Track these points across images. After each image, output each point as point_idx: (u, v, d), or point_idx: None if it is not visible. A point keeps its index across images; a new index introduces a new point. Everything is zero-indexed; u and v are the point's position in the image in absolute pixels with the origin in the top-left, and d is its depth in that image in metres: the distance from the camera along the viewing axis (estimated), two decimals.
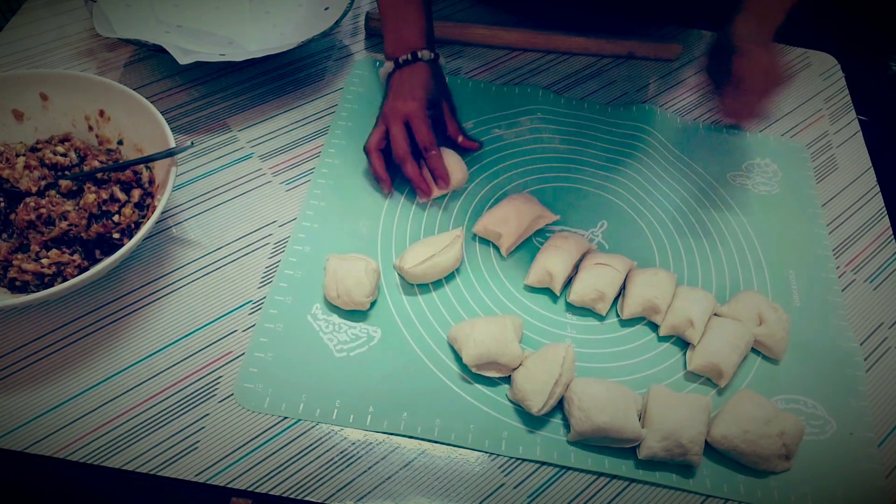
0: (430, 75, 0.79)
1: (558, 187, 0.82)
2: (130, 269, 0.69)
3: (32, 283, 0.63)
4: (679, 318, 0.69)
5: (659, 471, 0.62)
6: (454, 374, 0.66)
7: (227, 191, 0.77)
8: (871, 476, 0.64)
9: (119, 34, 0.80)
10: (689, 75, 0.97)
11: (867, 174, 0.89)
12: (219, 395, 0.62)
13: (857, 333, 0.73)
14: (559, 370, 0.62)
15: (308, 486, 0.59)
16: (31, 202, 0.65)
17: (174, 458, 0.59)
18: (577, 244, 0.73)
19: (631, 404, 0.62)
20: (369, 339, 0.67)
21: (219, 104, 0.84)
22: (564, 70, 0.94)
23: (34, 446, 0.58)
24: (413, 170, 0.76)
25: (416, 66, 0.79)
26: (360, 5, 0.99)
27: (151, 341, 0.65)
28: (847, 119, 0.95)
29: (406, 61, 0.79)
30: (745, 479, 0.62)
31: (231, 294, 0.69)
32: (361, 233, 0.75)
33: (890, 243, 0.82)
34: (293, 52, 0.86)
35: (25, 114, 0.72)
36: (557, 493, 0.60)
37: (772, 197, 0.85)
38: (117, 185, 0.69)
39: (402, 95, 0.78)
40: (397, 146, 0.76)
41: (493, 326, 0.65)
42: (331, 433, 0.61)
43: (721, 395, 0.67)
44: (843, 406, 0.68)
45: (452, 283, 0.72)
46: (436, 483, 0.60)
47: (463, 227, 0.76)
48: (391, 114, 0.77)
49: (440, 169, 0.77)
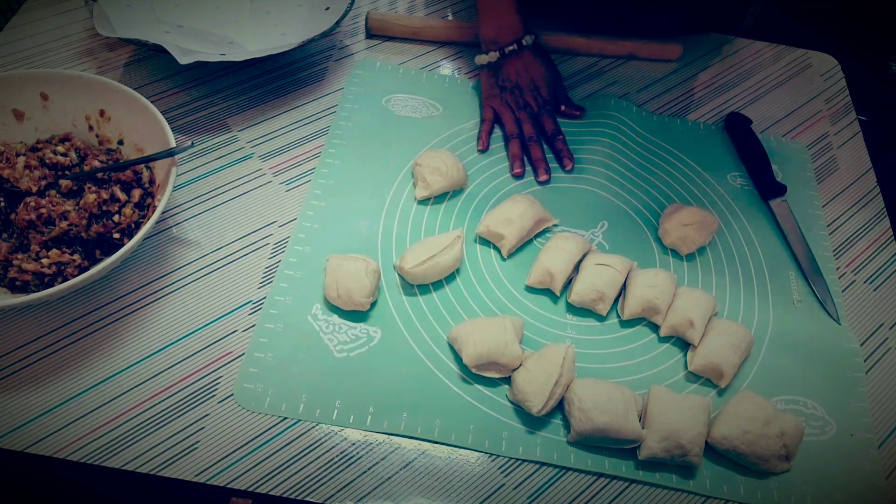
0: (540, 62, 0.85)
1: (558, 187, 0.82)
2: (131, 269, 0.69)
3: (32, 283, 0.63)
4: (679, 318, 0.69)
5: (659, 471, 0.62)
6: (454, 374, 0.66)
7: (227, 191, 0.77)
8: (871, 477, 0.64)
9: (119, 34, 0.80)
10: (690, 76, 0.97)
11: (867, 175, 0.89)
12: (219, 396, 0.62)
13: (857, 334, 0.73)
14: (559, 371, 0.62)
15: (308, 487, 0.59)
16: (32, 202, 0.65)
17: (174, 458, 0.59)
18: (577, 244, 0.73)
19: (631, 405, 0.62)
20: (369, 340, 0.67)
21: (219, 104, 0.84)
22: (566, 70, 0.94)
23: (34, 446, 0.58)
24: (538, 153, 0.82)
25: (524, 54, 0.84)
26: (361, 5, 0.99)
27: (151, 341, 0.65)
28: (847, 120, 0.95)
29: (512, 51, 0.84)
30: (745, 480, 0.62)
31: (231, 294, 0.69)
32: (361, 233, 0.75)
33: (890, 244, 0.82)
34: (293, 53, 0.86)
35: (26, 113, 0.72)
36: (557, 494, 0.60)
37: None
38: (117, 184, 0.69)
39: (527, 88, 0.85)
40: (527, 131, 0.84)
41: (493, 327, 0.65)
42: (331, 433, 0.61)
43: (721, 396, 0.67)
44: (844, 407, 0.68)
45: (453, 283, 0.72)
46: (436, 484, 0.60)
47: (463, 228, 0.75)
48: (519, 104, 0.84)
49: (567, 152, 0.83)
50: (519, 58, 0.84)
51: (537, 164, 0.82)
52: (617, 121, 0.88)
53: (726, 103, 0.94)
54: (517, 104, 0.85)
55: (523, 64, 0.85)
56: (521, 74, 0.85)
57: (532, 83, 0.85)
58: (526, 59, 0.85)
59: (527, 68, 0.85)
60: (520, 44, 0.84)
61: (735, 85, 0.97)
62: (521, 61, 0.85)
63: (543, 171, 0.81)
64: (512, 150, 0.83)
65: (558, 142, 0.83)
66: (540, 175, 0.81)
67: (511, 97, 0.85)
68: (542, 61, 0.86)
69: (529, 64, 0.85)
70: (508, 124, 0.85)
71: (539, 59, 0.86)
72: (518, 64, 0.85)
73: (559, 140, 0.83)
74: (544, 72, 0.86)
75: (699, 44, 1.01)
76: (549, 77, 0.86)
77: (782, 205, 0.83)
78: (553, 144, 0.84)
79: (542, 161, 0.82)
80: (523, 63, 0.85)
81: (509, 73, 0.85)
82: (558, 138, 0.83)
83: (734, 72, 0.99)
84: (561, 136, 0.84)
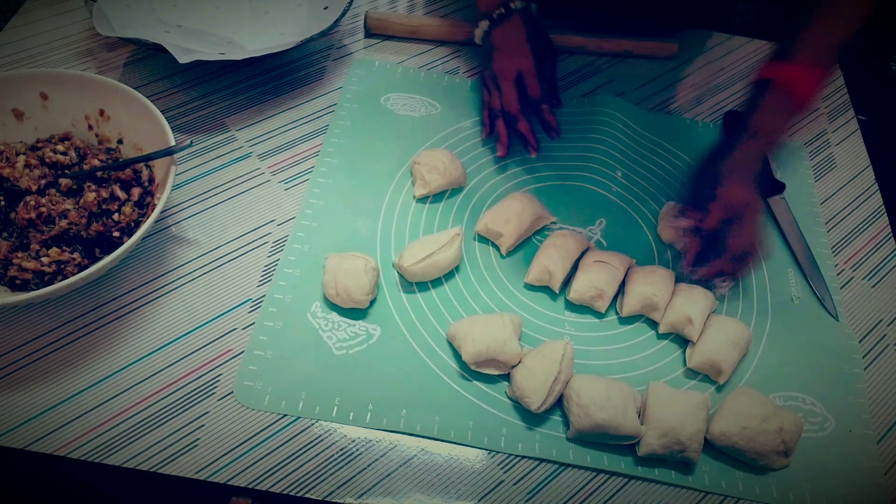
0: (529, 26, 0.81)
1: (557, 185, 0.82)
2: (130, 268, 0.69)
3: (32, 282, 0.63)
4: (678, 315, 0.69)
5: (658, 467, 0.62)
6: (453, 371, 0.66)
7: (226, 190, 0.77)
8: (870, 473, 0.64)
9: (119, 33, 0.80)
10: (686, 73, 0.97)
11: (866, 172, 0.89)
12: (218, 393, 0.62)
13: (855, 331, 0.74)
14: (558, 367, 0.62)
15: (308, 484, 0.59)
16: (32, 201, 0.65)
17: (174, 455, 0.59)
18: (576, 242, 0.73)
19: (630, 401, 0.62)
20: (368, 337, 0.67)
21: (218, 103, 0.85)
22: (562, 69, 0.95)
23: (34, 444, 0.58)
24: (525, 126, 0.79)
25: (513, 19, 0.81)
26: (359, 5, 1.00)
27: (151, 339, 0.65)
28: (845, 118, 0.96)
29: (501, 16, 0.81)
30: (743, 476, 0.62)
31: (230, 292, 0.69)
32: (360, 231, 0.75)
33: (888, 241, 0.82)
34: (292, 52, 0.86)
35: (25, 113, 0.72)
36: (556, 490, 0.60)
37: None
38: (117, 183, 0.69)
39: (509, 50, 0.80)
40: (510, 104, 0.79)
41: (492, 324, 0.65)
42: (330, 430, 0.62)
43: (720, 392, 0.68)
44: (842, 403, 0.68)
45: (451, 281, 0.72)
46: (435, 480, 0.60)
47: (462, 226, 0.76)
48: (503, 71, 0.80)
49: (552, 121, 0.80)
50: (509, 21, 0.81)
51: (521, 138, 0.80)
52: (615, 119, 0.89)
53: (724, 101, 0.95)
54: (502, 72, 0.80)
55: (511, 27, 0.81)
56: (507, 39, 0.81)
57: (518, 47, 0.80)
58: (514, 22, 0.81)
59: (515, 32, 0.81)
60: (507, 7, 0.81)
61: (733, 83, 0.97)
62: (510, 24, 0.81)
63: (528, 145, 0.79)
64: (497, 128, 0.81)
65: (543, 111, 0.80)
66: (529, 152, 0.79)
67: (497, 65, 0.81)
68: (532, 27, 0.82)
69: (517, 28, 0.81)
70: (492, 99, 0.82)
71: (528, 26, 0.81)
72: (506, 28, 0.81)
73: (544, 109, 0.80)
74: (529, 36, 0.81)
75: (696, 42, 1.01)
76: (535, 45, 0.81)
77: (781, 202, 0.83)
78: (539, 114, 0.81)
79: (528, 134, 0.79)
80: (512, 27, 0.81)
81: (496, 37, 0.82)
82: (543, 106, 0.80)
83: (732, 70, 0.99)
84: (545, 106, 0.80)
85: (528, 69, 0.79)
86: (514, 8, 0.81)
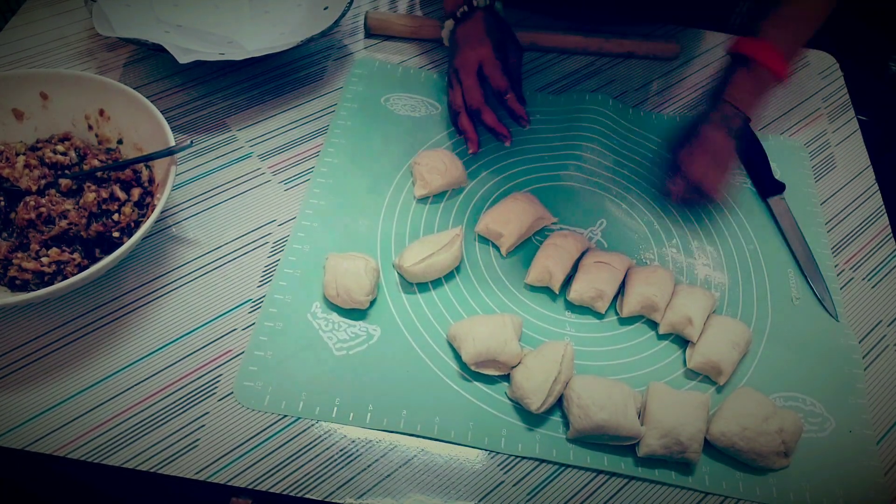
0: (490, 21, 0.80)
1: (557, 186, 0.82)
2: (130, 268, 0.69)
3: (32, 282, 0.63)
4: (678, 315, 0.69)
5: (658, 468, 0.62)
6: (453, 372, 0.66)
7: (226, 190, 0.77)
8: (870, 473, 0.64)
9: (119, 34, 0.80)
10: (688, 74, 0.97)
11: (866, 172, 0.89)
12: (218, 394, 0.62)
13: (855, 331, 0.74)
14: (558, 368, 0.62)
15: (308, 484, 0.59)
16: (31, 201, 0.65)
17: (174, 456, 0.59)
18: (576, 242, 0.73)
19: (630, 402, 0.62)
20: (369, 338, 0.67)
21: (218, 104, 0.85)
22: (563, 69, 0.95)
23: (34, 444, 0.58)
24: (491, 117, 0.77)
25: (475, 16, 0.80)
26: (360, 5, 1.00)
27: (151, 340, 0.65)
28: (846, 118, 0.96)
29: (464, 13, 0.81)
30: (743, 477, 0.62)
31: (231, 293, 0.69)
32: (361, 232, 0.75)
33: (888, 241, 0.82)
34: (292, 52, 0.86)
35: (25, 113, 0.72)
36: (556, 491, 0.60)
37: None
38: (117, 183, 0.69)
39: (470, 44, 0.79)
40: (472, 97, 0.77)
41: (493, 325, 0.65)
42: (330, 431, 0.62)
43: (720, 393, 0.68)
44: (842, 403, 0.68)
45: (452, 281, 0.72)
46: (435, 480, 0.60)
47: (462, 226, 0.76)
48: (464, 65, 0.78)
49: (520, 110, 0.76)
50: (471, 19, 0.80)
51: (490, 130, 0.77)
52: (613, 121, 0.89)
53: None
54: (463, 67, 0.78)
55: (473, 23, 0.80)
56: (468, 34, 0.80)
57: (478, 41, 0.78)
58: (476, 19, 0.80)
59: (475, 27, 0.79)
60: (470, 5, 0.80)
61: None
62: (472, 21, 0.80)
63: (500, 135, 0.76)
64: (461, 125, 0.79)
65: (509, 100, 0.77)
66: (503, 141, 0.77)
67: (459, 61, 0.79)
68: (493, 22, 0.80)
69: (477, 23, 0.79)
70: (454, 96, 0.80)
71: (489, 20, 0.79)
72: (468, 25, 0.80)
73: (510, 98, 0.77)
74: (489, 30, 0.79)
75: (697, 42, 1.01)
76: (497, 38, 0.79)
77: (781, 202, 0.83)
78: (504, 104, 0.77)
79: (496, 125, 0.76)
80: (473, 23, 0.80)
81: (458, 35, 0.81)
82: (508, 96, 0.76)
83: None
84: (511, 95, 0.76)
85: (488, 59, 0.77)
86: (476, 6, 0.80)
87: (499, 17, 0.82)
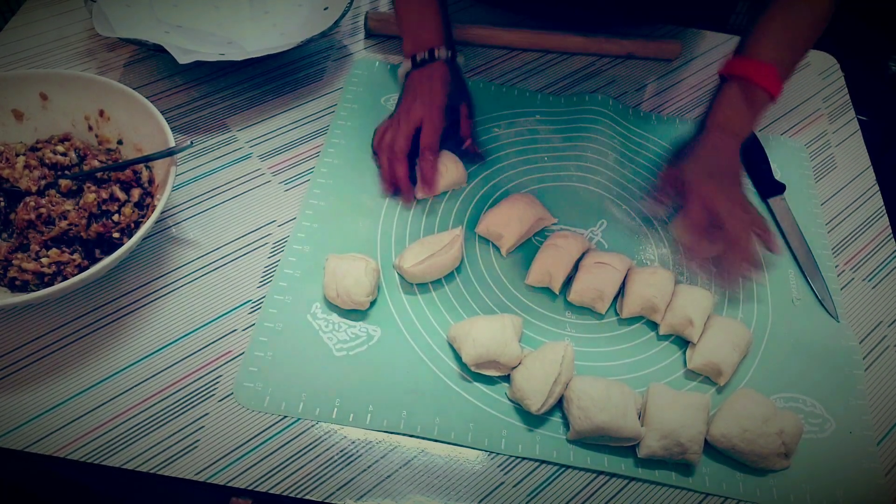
0: (448, 75, 0.78)
1: (557, 186, 0.82)
2: (130, 269, 0.69)
3: (32, 283, 0.63)
4: (678, 316, 0.69)
5: (658, 469, 0.62)
6: (454, 373, 0.66)
7: (226, 190, 0.77)
8: (871, 474, 0.64)
9: (119, 34, 0.80)
10: (688, 75, 0.97)
11: (866, 173, 0.89)
12: (218, 395, 0.62)
13: (856, 332, 0.74)
14: (558, 369, 0.62)
15: (308, 485, 0.59)
16: (31, 201, 0.65)
17: (174, 457, 0.59)
18: (576, 243, 0.73)
19: (630, 403, 0.62)
20: (369, 339, 0.67)
21: (218, 104, 0.85)
22: (563, 70, 0.95)
23: (34, 445, 0.58)
24: (402, 171, 0.76)
25: (434, 65, 0.78)
26: (360, 5, 1.00)
27: (151, 340, 0.65)
28: (846, 118, 0.96)
29: (423, 60, 0.78)
30: (744, 478, 0.62)
31: (230, 293, 0.69)
32: (361, 232, 0.75)
33: (888, 242, 0.82)
34: (292, 52, 0.86)
35: (25, 114, 0.72)
36: (557, 492, 0.60)
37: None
38: (117, 184, 0.69)
39: (420, 97, 0.77)
40: (396, 144, 0.76)
41: (493, 325, 0.65)
42: (330, 432, 0.62)
43: (720, 394, 0.68)
44: (843, 404, 0.68)
45: (452, 282, 0.72)
46: (435, 481, 0.60)
47: (462, 227, 0.75)
48: (406, 114, 0.77)
49: (429, 174, 0.76)
50: (426, 68, 0.78)
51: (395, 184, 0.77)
52: (613, 121, 0.89)
53: None
54: (406, 116, 0.77)
55: (428, 73, 0.77)
56: (422, 85, 0.77)
57: (430, 97, 0.76)
58: (434, 69, 0.77)
59: (431, 77, 0.77)
60: (432, 54, 0.77)
61: None
62: (428, 71, 0.78)
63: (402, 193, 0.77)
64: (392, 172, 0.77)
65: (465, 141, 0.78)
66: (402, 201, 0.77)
67: (403, 108, 0.78)
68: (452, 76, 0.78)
69: (434, 73, 0.77)
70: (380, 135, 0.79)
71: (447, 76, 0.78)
72: (424, 74, 0.78)
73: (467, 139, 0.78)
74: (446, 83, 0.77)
75: (698, 43, 1.01)
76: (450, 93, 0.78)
77: (781, 203, 0.83)
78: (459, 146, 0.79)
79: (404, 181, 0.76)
80: (428, 73, 0.77)
81: (413, 81, 0.79)
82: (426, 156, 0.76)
83: None
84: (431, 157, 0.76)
85: (429, 120, 0.75)
86: (438, 57, 0.78)
87: (458, 71, 0.80)
